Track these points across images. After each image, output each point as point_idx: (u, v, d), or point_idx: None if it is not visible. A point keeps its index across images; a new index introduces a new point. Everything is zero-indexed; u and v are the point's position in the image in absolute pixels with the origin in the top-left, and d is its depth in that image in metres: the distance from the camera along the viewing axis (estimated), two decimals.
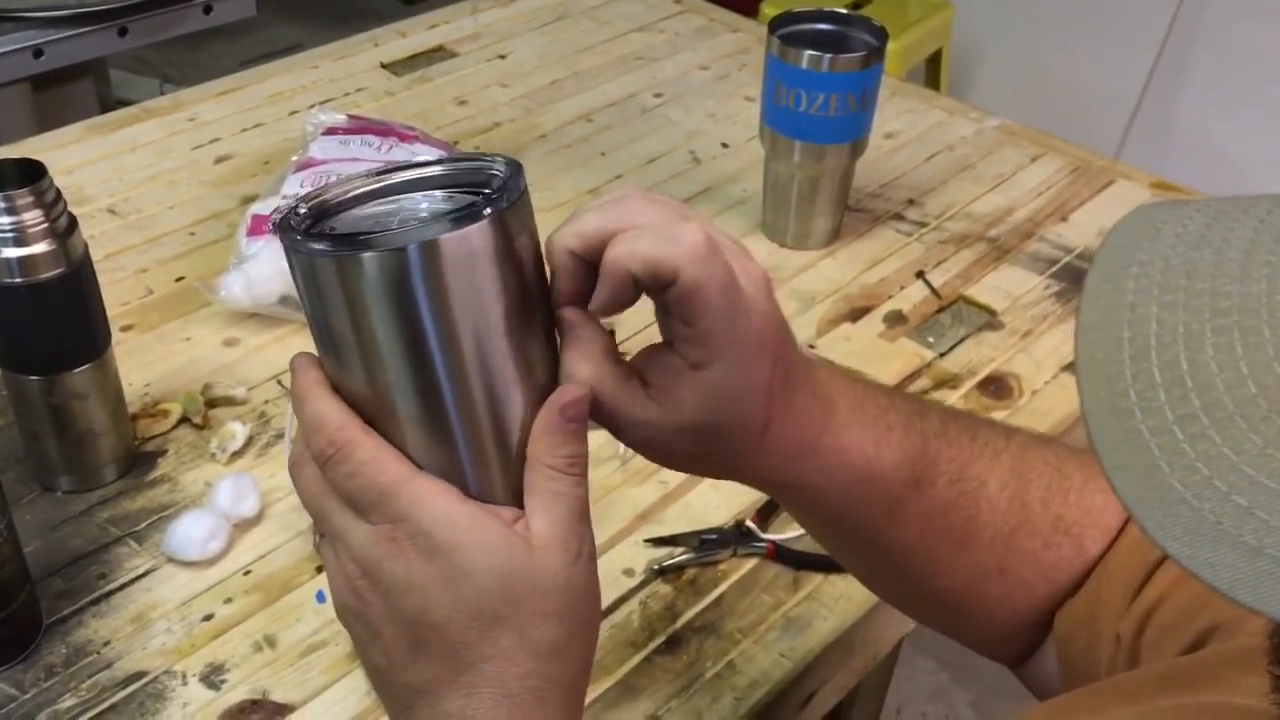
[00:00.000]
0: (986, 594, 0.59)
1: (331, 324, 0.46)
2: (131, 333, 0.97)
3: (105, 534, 0.80)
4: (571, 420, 0.47)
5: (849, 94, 1.02)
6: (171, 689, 0.71)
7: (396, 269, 0.44)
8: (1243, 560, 0.28)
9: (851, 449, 0.53)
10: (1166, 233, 0.34)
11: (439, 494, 0.46)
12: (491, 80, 1.36)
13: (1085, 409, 0.32)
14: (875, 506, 0.55)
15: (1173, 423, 0.30)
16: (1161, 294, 0.33)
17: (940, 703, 1.83)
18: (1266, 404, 0.29)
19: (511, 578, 0.45)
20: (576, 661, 0.48)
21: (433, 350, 0.45)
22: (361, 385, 0.47)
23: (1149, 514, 0.30)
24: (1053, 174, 1.23)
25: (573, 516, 0.47)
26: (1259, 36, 2.30)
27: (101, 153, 1.19)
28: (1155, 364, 0.31)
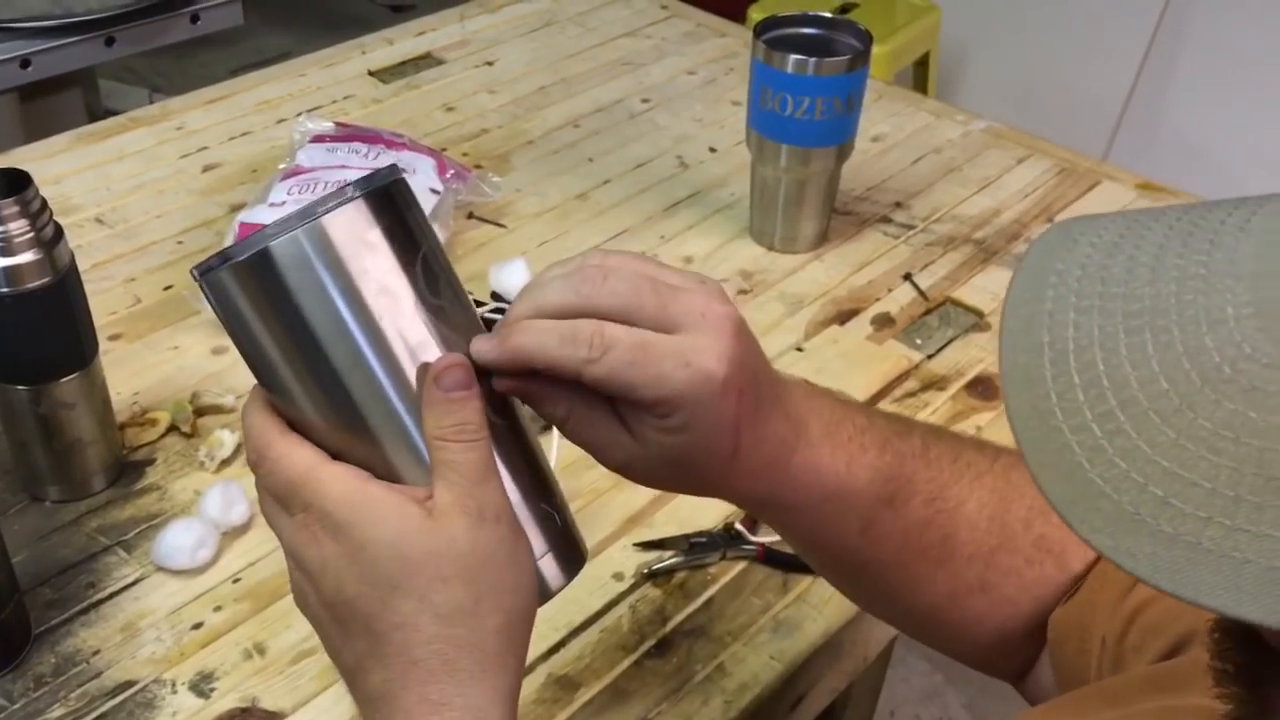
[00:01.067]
0: (969, 610, 0.60)
1: (234, 340, 0.50)
2: (120, 342, 0.97)
3: (94, 543, 0.80)
4: (450, 389, 0.48)
5: (834, 97, 1.03)
6: (161, 698, 0.71)
7: (239, 281, 0.48)
8: (1161, 548, 0.29)
9: (823, 467, 0.54)
10: (1083, 243, 0.36)
11: (340, 477, 0.48)
12: (479, 87, 1.36)
13: (1010, 412, 0.33)
14: (849, 524, 0.55)
15: (1091, 421, 0.32)
16: (1078, 300, 0.34)
17: (934, 704, 1.83)
18: (1178, 398, 0.31)
19: (406, 545, 0.46)
20: (488, 625, 0.47)
21: (303, 350, 0.48)
22: (275, 393, 0.50)
23: (1073, 510, 0.31)
24: (1039, 175, 1.24)
25: (468, 480, 0.47)
26: (1245, 37, 2.31)
27: (89, 162, 1.19)
28: (1074, 366, 0.33)
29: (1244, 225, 0.34)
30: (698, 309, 0.49)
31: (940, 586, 0.59)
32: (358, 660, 0.48)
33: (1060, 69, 2.55)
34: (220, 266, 0.48)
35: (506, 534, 0.48)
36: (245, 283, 0.48)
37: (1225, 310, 0.32)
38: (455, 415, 0.48)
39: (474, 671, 0.47)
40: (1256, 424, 0.30)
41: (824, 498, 0.54)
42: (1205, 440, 0.30)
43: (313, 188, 1.01)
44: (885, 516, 0.56)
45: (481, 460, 0.48)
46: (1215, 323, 0.32)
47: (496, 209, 1.13)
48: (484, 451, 0.48)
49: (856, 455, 0.55)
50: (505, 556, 0.48)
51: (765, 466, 0.52)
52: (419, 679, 0.46)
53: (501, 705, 0.47)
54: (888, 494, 0.56)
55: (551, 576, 0.52)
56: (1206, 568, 0.29)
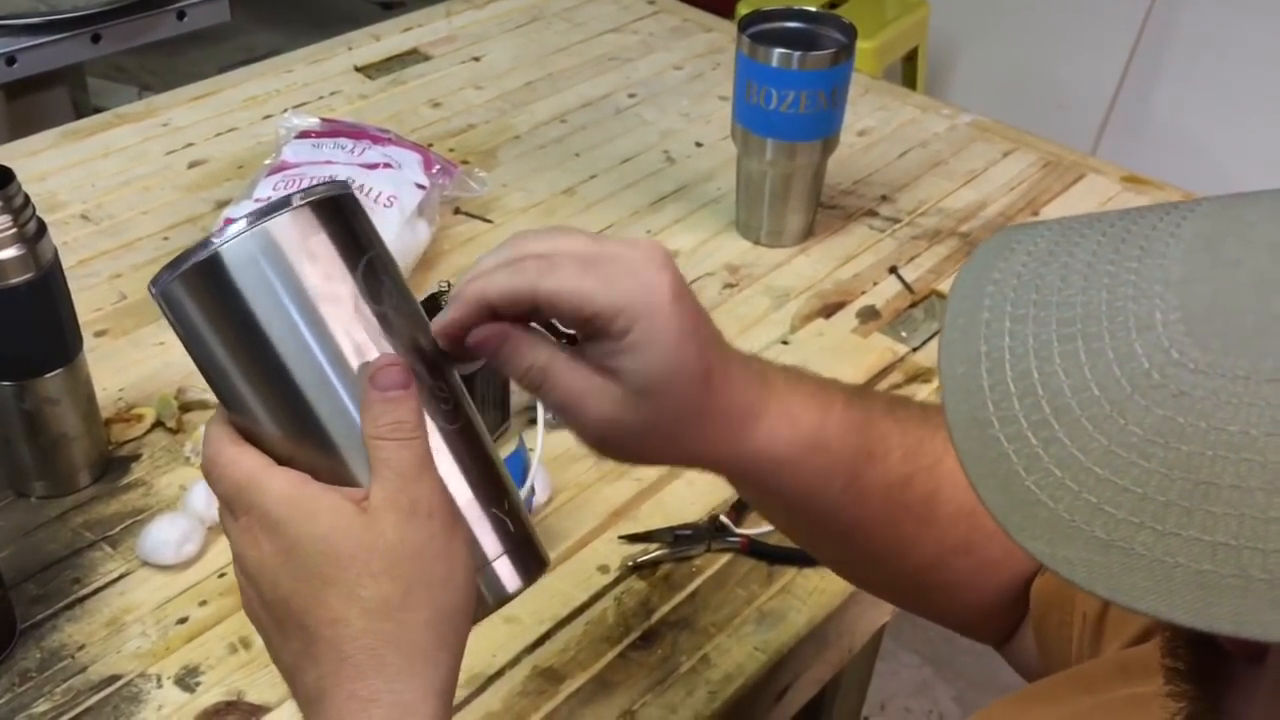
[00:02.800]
0: (954, 572, 0.60)
1: (187, 349, 0.51)
2: (105, 338, 0.97)
3: (79, 539, 0.80)
4: (386, 389, 0.48)
5: (819, 91, 1.03)
6: (146, 692, 0.71)
7: (188, 287, 0.49)
8: (1096, 554, 0.30)
9: (798, 418, 0.54)
10: (1019, 251, 0.36)
11: (279, 479, 0.48)
12: (466, 82, 1.36)
13: (949, 422, 0.34)
14: (832, 480, 0.55)
15: (1027, 429, 0.32)
16: (1013, 309, 0.34)
17: (924, 697, 1.84)
18: (1109, 405, 0.31)
19: (336, 541, 0.47)
20: (416, 619, 0.47)
21: (247, 352, 0.49)
22: (226, 401, 0.51)
23: (1010, 518, 0.31)
24: (1024, 169, 1.24)
25: (402, 478, 0.48)
26: (1232, 30, 2.31)
27: (75, 159, 1.19)
28: (1009, 375, 0.33)
29: (1174, 231, 0.34)
30: (632, 243, 0.50)
31: (926, 547, 0.59)
32: (294, 660, 0.49)
33: (1049, 63, 2.55)
34: (170, 276, 0.49)
35: (439, 529, 0.48)
36: (193, 288, 0.49)
37: (1154, 316, 0.32)
38: (391, 414, 0.48)
39: (402, 666, 0.47)
40: (1185, 429, 0.30)
41: (805, 451, 0.54)
42: (1136, 447, 0.30)
43: (298, 183, 1.01)
44: (866, 471, 0.56)
45: (416, 457, 0.48)
46: (1144, 328, 0.32)
47: (483, 204, 1.14)
48: (419, 449, 0.48)
49: (826, 409, 0.55)
50: (436, 551, 0.47)
51: (740, 411, 0.52)
52: (349, 675, 0.47)
53: (433, 700, 0.47)
54: (865, 448, 0.56)
55: (508, 578, 0.52)
56: (1139, 573, 0.29)
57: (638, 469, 0.87)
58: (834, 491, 0.56)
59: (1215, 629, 0.28)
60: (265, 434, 0.50)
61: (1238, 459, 0.29)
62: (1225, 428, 0.29)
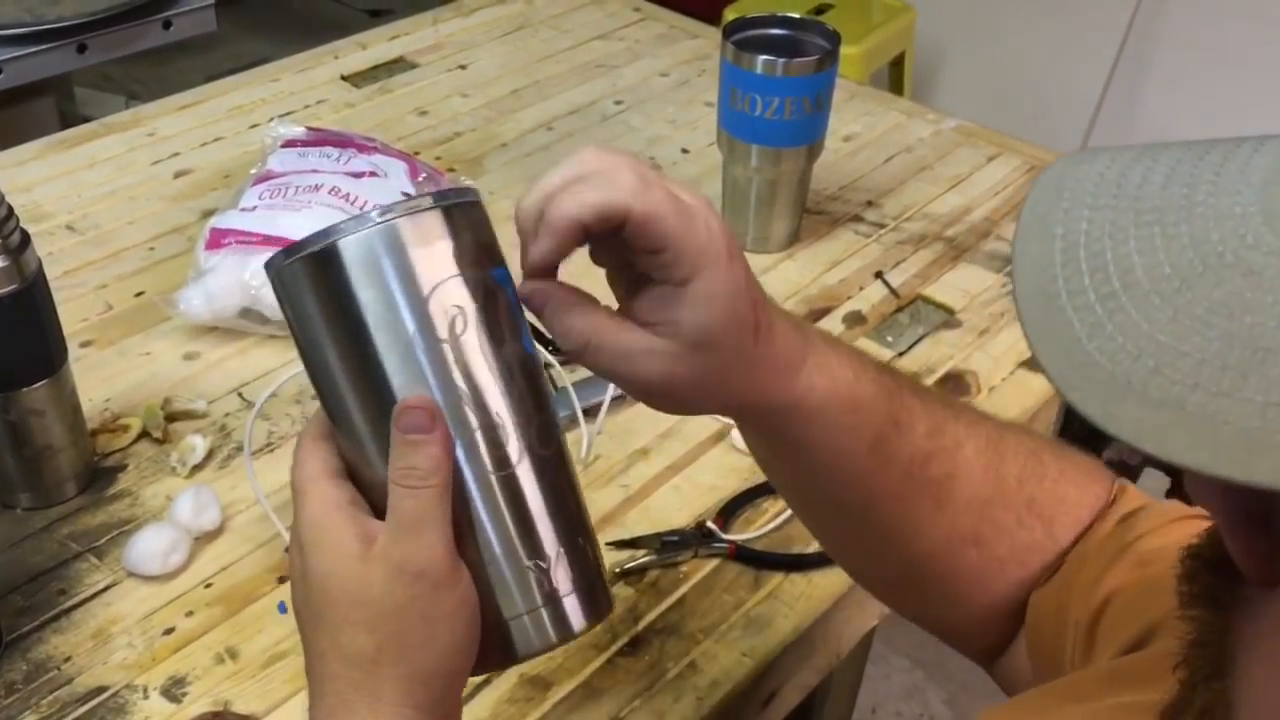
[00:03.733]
0: (960, 564, 0.60)
1: (291, 331, 0.51)
2: (91, 348, 0.96)
3: (65, 550, 0.80)
4: (406, 431, 0.47)
5: (804, 97, 1.03)
6: (133, 703, 0.71)
7: (285, 281, 0.49)
8: (1147, 412, 0.31)
9: (835, 372, 0.54)
10: (1102, 156, 0.38)
11: (316, 499, 0.49)
12: (452, 90, 1.36)
13: (1017, 294, 0.35)
14: (860, 438, 0.56)
15: (1094, 301, 0.33)
16: (1094, 200, 0.36)
17: (915, 701, 1.84)
18: (1179, 280, 0.32)
19: (332, 582, 0.48)
20: (386, 674, 0.47)
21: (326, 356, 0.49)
22: (316, 386, 0.51)
23: (1067, 380, 0.32)
24: (1009, 173, 1.25)
25: (399, 529, 0.47)
26: (1217, 35, 2.32)
27: (60, 169, 1.19)
28: (1082, 254, 0.35)
29: (1259, 147, 0.35)
30: (690, 192, 0.50)
31: (937, 531, 0.59)
32: (306, 670, 0.51)
33: (1035, 67, 2.56)
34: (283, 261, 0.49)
35: (424, 591, 0.47)
36: (313, 270, 0.48)
37: (1233, 209, 0.33)
38: (405, 458, 0.47)
39: (366, 715, 0.47)
40: (1250, 302, 0.31)
41: (839, 406, 0.54)
42: (1201, 317, 0.32)
43: (284, 192, 1.01)
44: (892, 438, 0.56)
45: (419, 510, 0.47)
46: (1222, 218, 0.33)
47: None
48: (425, 501, 0.47)
49: (860, 370, 0.56)
50: (418, 613, 0.47)
51: (784, 360, 0.53)
52: (322, 711, 0.48)
53: None
54: (893, 414, 0.56)
55: (522, 641, 0.50)
56: (1187, 430, 0.30)
57: (626, 475, 0.87)
58: (860, 453, 0.56)
59: (1256, 480, 0.29)
60: (341, 426, 0.50)
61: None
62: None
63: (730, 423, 0.90)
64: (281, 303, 0.50)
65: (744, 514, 0.85)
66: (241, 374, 0.94)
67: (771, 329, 0.52)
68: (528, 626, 0.50)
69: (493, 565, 0.49)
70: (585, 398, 0.89)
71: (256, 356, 0.96)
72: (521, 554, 0.49)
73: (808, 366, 0.54)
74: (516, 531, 0.49)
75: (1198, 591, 0.39)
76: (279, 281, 0.50)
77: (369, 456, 0.49)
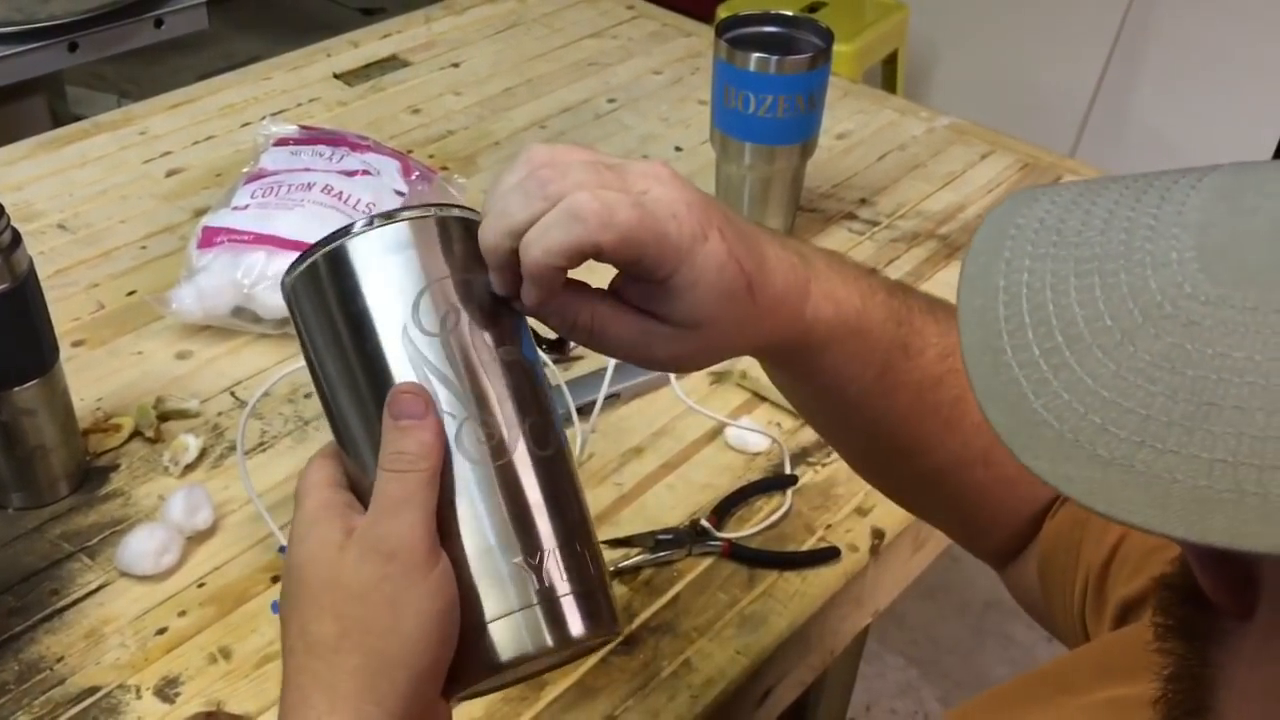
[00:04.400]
0: (970, 480, 0.61)
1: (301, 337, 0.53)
2: (83, 348, 0.96)
3: (57, 550, 0.80)
4: (398, 416, 0.47)
5: (797, 95, 1.03)
6: (125, 703, 0.71)
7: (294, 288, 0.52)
8: (1097, 472, 0.31)
9: (841, 298, 0.54)
10: (1043, 200, 0.37)
11: (317, 498, 0.49)
12: (445, 88, 1.36)
13: (963, 350, 0.35)
14: (868, 365, 0.56)
15: (1039, 356, 0.33)
16: (1034, 249, 0.36)
17: (909, 698, 1.84)
18: (1120, 333, 0.32)
19: (310, 570, 0.47)
20: (345, 664, 0.45)
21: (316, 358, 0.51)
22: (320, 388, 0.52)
23: (1016, 438, 0.33)
24: (1002, 171, 1.25)
25: (379, 511, 0.47)
26: (1210, 31, 2.33)
27: (51, 168, 1.18)
28: (1025, 307, 0.34)
29: (1195, 185, 0.35)
30: (649, 173, 0.49)
31: (947, 451, 0.59)
32: None
33: (1028, 65, 2.57)
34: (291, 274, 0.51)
35: (395, 573, 0.45)
36: (324, 270, 0.50)
37: (1170, 255, 0.33)
38: (394, 443, 0.47)
39: (324, 711, 0.45)
40: (1192, 355, 0.31)
41: (845, 334, 0.54)
42: (1143, 371, 0.31)
43: (276, 191, 1.00)
44: (901, 363, 0.56)
45: (402, 493, 0.46)
46: (1160, 265, 0.33)
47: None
48: (409, 485, 0.46)
49: (867, 295, 0.55)
50: (384, 597, 0.45)
51: (786, 293, 0.52)
52: (285, 708, 0.47)
53: None
54: (902, 339, 0.56)
55: (504, 642, 0.47)
56: (1137, 489, 0.30)
57: (621, 474, 0.87)
58: (867, 380, 0.56)
59: (1208, 541, 0.29)
60: (342, 426, 0.51)
61: (1241, 382, 0.30)
62: (1231, 353, 0.30)
63: (725, 420, 0.90)
64: (293, 314, 0.52)
65: (738, 512, 0.84)
66: (234, 373, 0.94)
67: (768, 275, 0.51)
68: (518, 625, 0.47)
69: (480, 559, 0.47)
70: (579, 396, 0.89)
71: (249, 356, 0.96)
72: (513, 548, 0.47)
73: (812, 297, 0.53)
74: (508, 524, 0.47)
75: (1172, 624, 0.39)
76: (290, 290, 0.52)
77: (366, 462, 0.49)
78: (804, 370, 0.57)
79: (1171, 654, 0.39)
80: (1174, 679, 0.39)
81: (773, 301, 0.52)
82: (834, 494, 0.86)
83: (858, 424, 0.60)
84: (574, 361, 0.95)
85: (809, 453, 0.89)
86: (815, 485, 0.87)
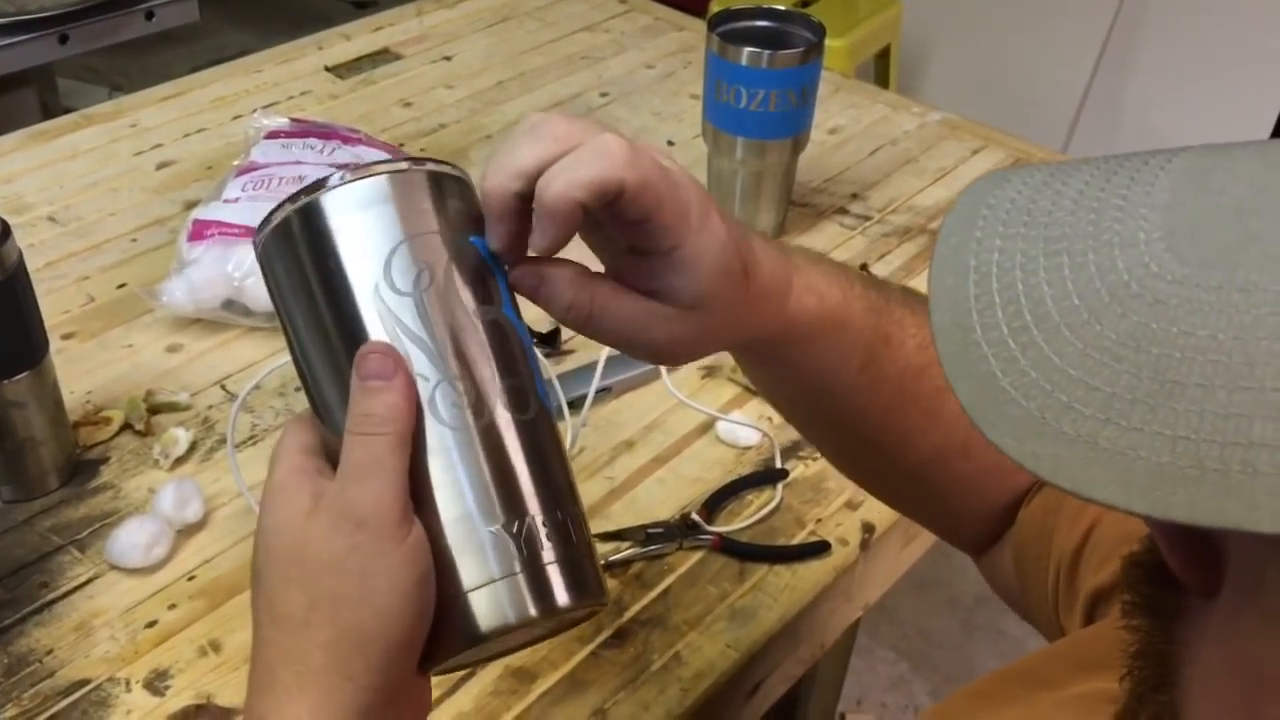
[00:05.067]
0: (951, 474, 0.62)
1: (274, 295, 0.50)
2: (73, 340, 0.96)
3: (47, 543, 0.79)
4: (365, 377, 0.45)
5: (789, 90, 1.03)
6: (115, 696, 0.70)
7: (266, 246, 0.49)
8: (1062, 449, 0.31)
9: (823, 291, 0.55)
10: (1015, 181, 0.38)
11: (286, 462, 0.47)
12: (437, 82, 1.36)
13: (934, 328, 0.35)
14: (851, 357, 0.56)
15: (1007, 335, 0.34)
16: (1004, 229, 0.36)
17: (900, 692, 1.85)
18: (1087, 312, 0.33)
19: (276, 539, 0.45)
20: (314, 637, 0.44)
21: (288, 318, 0.49)
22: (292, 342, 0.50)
23: (984, 415, 0.33)
24: (994, 166, 1.25)
25: (346, 478, 0.45)
26: (1201, 26, 2.33)
27: (42, 161, 1.18)
28: (995, 286, 0.35)
29: (1164, 165, 0.36)
30: (653, 147, 0.49)
31: (929, 442, 0.60)
32: None
33: (1020, 60, 2.57)
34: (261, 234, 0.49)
35: (365, 541, 0.43)
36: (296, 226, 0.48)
37: (1138, 235, 0.33)
38: (361, 405, 0.45)
39: (291, 687, 0.44)
40: (1157, 333, 0.31)
41: (829, 326, 0.55)
42: (1109, 350, 0.32)
43: (267, 184, 1.00)
44: (883, 355, 0.57)
45: (370, 457, 0.44)
46: (1127, 245, 0.33)
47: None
48: (377, 449, 0.44)
49: (847, 288, 0.56)
50: (355, 566, 0.43)
51: (773, 286, 0.52)
52: (252, 686, 0.45)
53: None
54: (883, 331, 0.57)
55: (485, 611, 0.45)
56: (1101, 466, 0.30)
57: (612, 468, 0.87)
58: (850, 372, 0.56)
59: (1170, 516, 0.29)
60: (312, 380, 0.49)
61: (1204, 360, 0.30)
62: (1195, 332, 0.31)
63: (716, 415, 0.90)
64: (264, 272, 0.50)
65: (729, 506, 0.85)
66: (224, 366, 0.94)
67: (758, 263, 0.52)
68: (499, 594, 0.45)
69: (457, 525, 0.45)
70: (570, 390, 0.89)
71: (239, 349, 0.96)
72: (492, 514, 0.45)
73: (795, 290, 0.54)
74: (487, 490, 0.45)
75: (1139, 601, 0.39)
76: (262, 247, 0.49)
77: (337, 423, 0.47)
78: (788, 365, 0.57)
79: (1138, 631, 0.39)
80: (1140, 655, 0.39)
81: (761, 290, 0.52)
82: (824, 488, 0.87)
83: (842, 418, 0.60)
84: (565, 356, 0.95)
85: (799, 447, 0.90)
86: (806, 479, 0.87)
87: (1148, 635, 0.39)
